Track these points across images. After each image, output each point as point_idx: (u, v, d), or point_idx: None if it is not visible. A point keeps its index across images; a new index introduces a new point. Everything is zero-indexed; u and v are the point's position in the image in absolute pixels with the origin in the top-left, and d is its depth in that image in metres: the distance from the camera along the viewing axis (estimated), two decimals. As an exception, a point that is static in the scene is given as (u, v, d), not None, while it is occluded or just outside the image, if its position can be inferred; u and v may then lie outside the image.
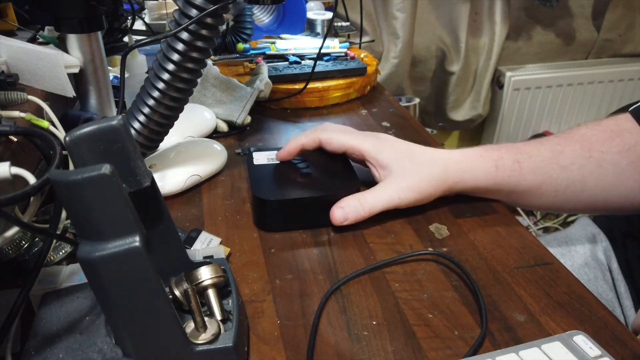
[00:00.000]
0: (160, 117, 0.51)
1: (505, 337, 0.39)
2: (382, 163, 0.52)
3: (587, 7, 1.65)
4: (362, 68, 0.84)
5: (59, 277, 0.41)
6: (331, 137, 0.54)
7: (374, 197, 0.51)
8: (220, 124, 0.70)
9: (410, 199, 0.51)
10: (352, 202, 0.50)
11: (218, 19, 0.48)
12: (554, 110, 1.72)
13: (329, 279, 0.45)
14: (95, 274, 0.29)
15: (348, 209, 0.50)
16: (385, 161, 0.51)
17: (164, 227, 0.38)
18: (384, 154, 0.52)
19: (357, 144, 0.53)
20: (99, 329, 0.34)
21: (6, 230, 0.32)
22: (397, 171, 0.51)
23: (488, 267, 0.47)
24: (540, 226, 1.80)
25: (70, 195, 0.28)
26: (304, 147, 0.54)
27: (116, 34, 0.68)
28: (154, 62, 0.50)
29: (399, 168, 0.51)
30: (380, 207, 0.51)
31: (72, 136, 0.30)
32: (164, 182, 0.55)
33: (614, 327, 0.40)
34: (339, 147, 0.54)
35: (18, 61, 0.52)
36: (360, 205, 0.50)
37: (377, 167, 0.52)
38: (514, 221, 0.53)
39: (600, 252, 0.69)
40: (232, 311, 0.36)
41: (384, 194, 0.51)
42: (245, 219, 0.53)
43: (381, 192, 0.51)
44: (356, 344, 0.39)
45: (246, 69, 0.86)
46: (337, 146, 0.54)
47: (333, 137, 0.54)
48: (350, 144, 0.53)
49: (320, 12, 1.06)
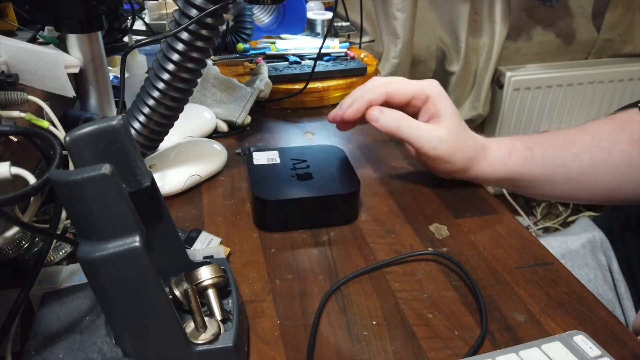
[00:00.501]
0: (160, 117, 0.51)
1: (505, 337, 0.39)
2: (439, 112, 0.51)
3: (587, 7, 1.65)
4: (362, 68, 0.84)
5: (59, 277, 0.41)
6: (397, 88, 0.52)
7: (411, 125, 0.51)
8: (220, 124, 0.70)
9: (438, 151, 0.51)
10: (392, 113, 0.51)
11: (218, 19, 0.48)
12: (554, 110, 1.72)
13: (329, 279, 0.45)
14: (95, 274, 0.29)
15: (386, 115, 0.51)
16: (442, 111, 0.51)
17: (164, 227, 0.38)
18: (446, 104, 0.52)
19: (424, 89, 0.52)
20: (99, 329, 0.34)
21: (6, 230, 0.32)
22: (445, 123, 0.51)
23: (488, 267, 0.47)
24: (540, 226, 1.80)
25: (70, 195, 0.28)
26: (370, 103, 0.52)
27: (116, 34, 0.68)
28: (154, 62, 0.50)
29: (448, 121, 0.51)
30: (409, 137, 0.51)
31: (72, 136, 0.30)
32: (164, 182, 0.55)
33: (614, 327, 0.40)
34: (406, 95, 0.52)
35: (18, 61, 0.52)
36: (397, 120, 0.51)
37: (432, 115, 0.52)
38: (514, 221, 0.53)
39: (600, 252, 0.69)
40: (232, 311, 0.36)
41: (422, 130, 0.51)
42: (245, 219, 0.53)
43: (422, 126, 0.51)
44: (356, 344, 0.39)
45: (246, 69, 0.86)
46: (404, 95, 0.52)
47: (398, 87, 0.52)
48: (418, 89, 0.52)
49: (320, 12, 1.06)
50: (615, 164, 0.52)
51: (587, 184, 0.54)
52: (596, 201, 0.57)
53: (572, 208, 1.83)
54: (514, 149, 0.53)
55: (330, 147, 0.60)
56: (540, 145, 0.53)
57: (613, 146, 0.52)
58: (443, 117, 0.51)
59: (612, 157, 0.52)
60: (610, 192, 0.54)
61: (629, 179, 0.53)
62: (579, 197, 0.56)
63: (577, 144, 0.53)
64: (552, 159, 0.53)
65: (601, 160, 0.52)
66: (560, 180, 0.54)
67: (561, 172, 0.53)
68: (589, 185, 0.54)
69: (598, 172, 0.53)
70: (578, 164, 0.53)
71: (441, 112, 0.51)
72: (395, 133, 0.51)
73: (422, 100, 0.52)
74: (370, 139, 0.71)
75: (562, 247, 0.70)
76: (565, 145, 0.53)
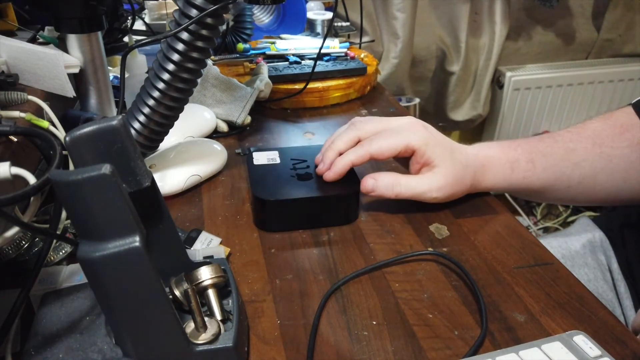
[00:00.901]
0: (160, 117, 0.51)
1: (505, 337, 0.39)
2: (429, 161, 0.51)
3: (587, 7, 1.65)
4: (362, 68, 0.84)
5: (59, 277, 0.41)
6: (381, 148, 0.51)
7: (408, 185, 0.51)
8: (220, 124, 0.70)
9: (439, 198, 0.52)
10: (385, 179, 0.51)
11: (218, 19, 0.48)
12: (554, 110, 1.72)
13: (329, 279, 0.45)
14: (95, 274, 0.29)
15: (380, 183, 0.51)
16: (432, 159, 0.51)
17: (164, 227, 0.38)
18: (434, 152, 0.51)
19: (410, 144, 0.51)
20: (99, 329, 0.34)
21: (6, 230, 0.32)
22: (438, 169, 0.51)
23: (488, 267, 0.47)
24: (540, 226, 1.80)
25: (70, 195, 0.28)
26: (353, 164, 0.52)
27: (116, 34, 0.68)
28: (154, 62, 0.50)
29: (441, 166, 0.51)
30: (408, 196, 0.51)
31: (72, 136, 0.30)
32: (164, 182, 0.55)
33: (614, 327, 0.40)
34: (390, 154, 0.52)
35: (18, 61, 0.52)
36: (391, 186, 0.51)
37: (423, 164, 0.52)
38: (514, 221, 0.53)
39: (600, 252, 0.69)
40: (232, 311, 0.36)
41: (418, 187, 0.51)
42: (245, 219, 0.53)
43: (417, 183, 0.51)
44: (356, 344, 0.39)
45: (246, 69, 0.86)
46: (389, 154, 0.52)
47: (382, 146, 0.51)
48: (403, 147, 0.51)
49: (320, 12, 1.06)
50: (615, 169, 0.53)
51: (587, 190, 0.54)
52: (595, 203, 0.58)
53: (572, 208, 1.83)
54: (516, 164, 0.53)
55: (330, 147, 0.60)
56: (543, 155, 0.53)
57: (613, 152, 0.53)
58: (434, 164, 0.51)
59: (612, 164, 0.53)
60: (609, 196, 0.55)
61: (628, 182, 0.53)
62: (578, 201, 0.57)
63: (579, 152, 0.53)
64: (554, 170, 0.53)
65: (602, 168, 0.53)
66: (561, 188, 0.54)
67: (562, 181, 0.54)
68: (589, 191, 0.55)
69: (598, 179, 0.53)
70: (579, 172, 0.53)
71: (432, 160, 0.51)
72: (394, 198, 0.52)
73: (409, 153, 0.52)
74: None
75: (562, 247, 0.70)
76: (567, 154, 0.54)
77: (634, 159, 0.52)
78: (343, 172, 0.52)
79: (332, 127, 0.74)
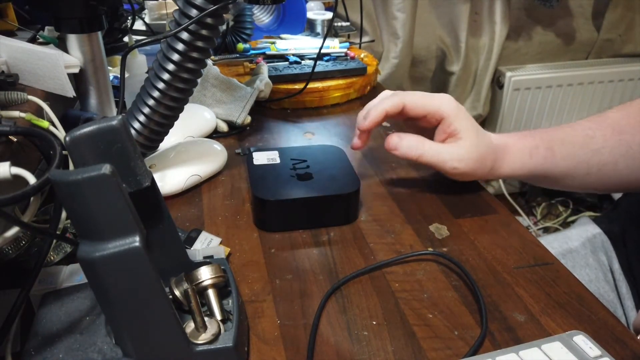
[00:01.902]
0: (160, 117, 0.51)
1: (505, 337, 0.39)
2: (456, 132, 0.52)
3: (587, 7, 1.65)
4: (362, 68, 0.84)
5: (59, 277, 0.41)
6: (415, 101, 0.52)
7: (431, 149, 0.52)
8: (220, 124, 0.70)
9: (459, 170, 0.52)
10: (411, 139, 0.52)
11: (218, 19, 0.48)
12: (554, 110, 1.72)
13: (329, 279, 0.45)
14: (95, 274, 0.29)
15: (404, 142, 0.52)
16: (459, 130, 0.52)
17: (164, 227, 0.38)
18: (462, 124, 0.52)
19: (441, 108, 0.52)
20: (99, 329, 0.34)
21: (6, 230, 0.32)
22: (463, 141, 0.52)
23: (488, 267, 0.47)
24: (540, 226, 1.80)
25: (70, 195, 0.28)
26: (387, 114, 0.52)
27: (116, 34, 0.68)
28: (154, 62, 0.50)
29: (467, 139, 0.52)
30: (429, 161, 0.52)
31: (72, 136, 0.30)
32: (164, 182, 0.55)
33: (614, 327, 0.40)
34: (422, 111, 0.52)
35: (18, 61, 0.52)
36: (415, 147, 0.52)
37: (450, 134, 0.52)
38: (514, 221, 0.53)
39: (601, 252, 0.69)
40: (232, 311, 0.36)
41: (441, 153, 0.52)
42: (245, 219, 0.53)
43: (440, 150, 0.52)
44: (356, 344, 0.39)
45: (246, 69, 0.86)
46: (420, 110, 0.52)
47: (417, 100, 0.52)
48: (435, 108, 0.52)
49: (320, 12, 1.06)
50: (635, 156, 0.53)
51: (606, 177, 0.55)
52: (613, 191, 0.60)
53: (572, 208, 1.83)
54: (535, 150, 0.54)
55: (330, 147, 0.60)
56: (562, 143, 0.54)
57: (634, 139, 0.53)
58: (460, 135, 0.52)
59: (632, 151, 0.53)
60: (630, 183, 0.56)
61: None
62: (596, 188, 0.57)
63: (598, 139, 0.54)
64: (573, 157, 0.54)
65: (621, 155, 0.53)
66: (580, 175, 0.55)
67: (581, 168, 0.54)
68: (608, 178, 0.55)
69: (618, 166, 0.54)
70: (598, 159, 0.54)
71: (458, 132, 0.52)
72: (417, 160, 0.52)
73: (437, 119, 0.53)
74: (371, 139, 0.70)
75: (563, 247, 0.70)
76: (586, 141, 0.54)
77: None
78: (378, 120, 0.52)
79: (332, 127, 0.74)
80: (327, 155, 0.57)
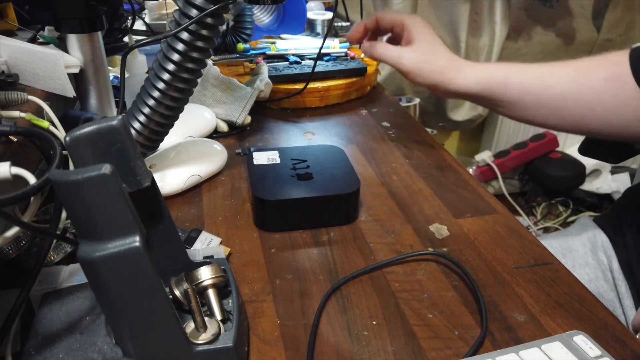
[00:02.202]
0: (160, 117, 0.51)
1: (505, 337, 0.39)
2: (410, 37, 0.62)
3: (587, 7, 1.65)
4: (362, 68, 0.84)
5: (59, 277, 0.41)
6: (385, 14, 0.65)
7: (388, 49, 0.64)
8: (220, 124, 0.70)
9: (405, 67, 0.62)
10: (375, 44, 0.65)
11: (218, 19, 0.48)
12: (554, 110, 1.72)
13: (329, 279, 0.45)
14: (95, 274, 0.29)
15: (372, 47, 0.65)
16: (413, 36, 0.62)
17: (164, 227, 0.38)
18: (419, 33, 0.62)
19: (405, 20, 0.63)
20: (99, 329, 0.34)
21: (6, 230, 0.32)
22: (416, 45, 0.62)
23: (488, 267, 0.47)
24: (540, 226, 1.80)
25: (70, 195, 0.28)
26: (366, 26, 0.66)
27: (116, 34, 0.68)
28: (154, 62, 0.50)
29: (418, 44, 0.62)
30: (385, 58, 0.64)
31: (72, 136, 0.30)
32: (164, 182, 0.55)
33: (614, 327, 0.40)
34: (390, 21, 0.65)
35: (18, 61, 0.52)
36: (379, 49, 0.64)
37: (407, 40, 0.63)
38: (514, 221, 0.53)
39: (601, 251, 0.69)
40: (232, 311, 0.36)
41: (393, 52, 0.63)
42: (245, 219, 0.53)
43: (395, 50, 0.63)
44: (356, 344, 0.39)
45: (246, 69, 0.86)
46: (389, 21, 0.65)
47: (387, 14, 0.65)
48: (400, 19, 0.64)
49: (320, 12, 1.06)
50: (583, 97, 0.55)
51: (557, 112, 0.57)
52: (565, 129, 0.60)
53: (572, 208, 1.83)
54: (492, 71, 0.59)
55: (330, 147, 0.60)
56: (519, 72, 0.59)
57: (586, 82, 0.55)
58: (414, 41, 0.62)
59: (581, 91, 0.55)
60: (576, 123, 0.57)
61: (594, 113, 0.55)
62: (548, 123, 0.60)
63: (555, 76, 0.57)
64: (527, 85, 0.58)
65: (572, 92, 0.55)
66: (531, 105, 0.58)
67: (533, 96, 0.57)
68: (558, 113, 0.57)
69: (566, 102, 0.56)
70: (550, 92, 0.56)
71: (413, 38, 0.62)
72: (378, 58, 0.65)
73: (401, 29, 0.64)
74: (370, 139, 0.71)
75: (563, 247, 0.70)
76: (543, 75, 0.57)
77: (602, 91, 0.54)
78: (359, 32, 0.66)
79: (332, 127, 0.74)
80: (327, 155, 0.57)
